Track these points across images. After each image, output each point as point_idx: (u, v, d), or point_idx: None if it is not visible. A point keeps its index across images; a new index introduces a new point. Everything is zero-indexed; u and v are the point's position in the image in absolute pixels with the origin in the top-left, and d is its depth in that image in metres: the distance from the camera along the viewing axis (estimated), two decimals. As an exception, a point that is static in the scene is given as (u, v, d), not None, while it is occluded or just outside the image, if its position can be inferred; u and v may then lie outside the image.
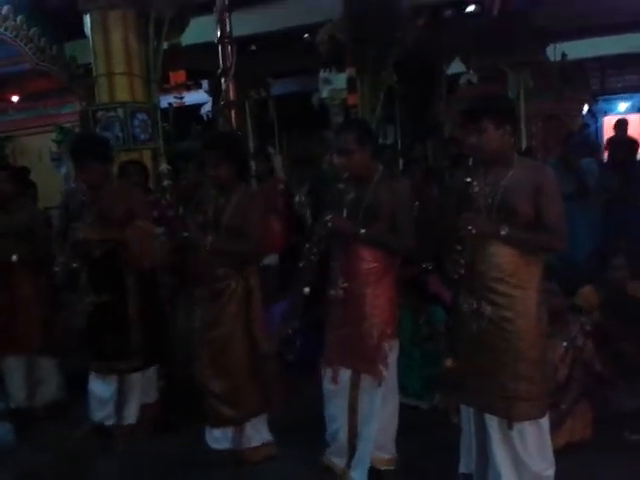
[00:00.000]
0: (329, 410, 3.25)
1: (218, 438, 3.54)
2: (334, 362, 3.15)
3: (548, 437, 2.74)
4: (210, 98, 11.41)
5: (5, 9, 7.68)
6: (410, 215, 3.08)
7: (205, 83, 11.16)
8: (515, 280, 2.61)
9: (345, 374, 3.13)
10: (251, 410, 3.49)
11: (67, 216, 3.82)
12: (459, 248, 2.60)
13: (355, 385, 3.11)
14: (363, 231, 2.96)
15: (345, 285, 3.05)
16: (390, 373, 3.07)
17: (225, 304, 3.38)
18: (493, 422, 2.70)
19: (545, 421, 2.72)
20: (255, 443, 3.54)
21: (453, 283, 3.59)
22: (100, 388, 3.91)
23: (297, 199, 7.22)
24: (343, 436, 3.19)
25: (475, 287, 2.66)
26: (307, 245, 3.02)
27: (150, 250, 3.81)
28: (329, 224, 2.95)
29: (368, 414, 3.09)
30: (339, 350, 3.13)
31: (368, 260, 3.03)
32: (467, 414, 2.86)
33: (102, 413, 3.94)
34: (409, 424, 3.36)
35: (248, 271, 3.42)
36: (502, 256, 2.61)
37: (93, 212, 3.67)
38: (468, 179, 2.63)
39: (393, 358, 3.09)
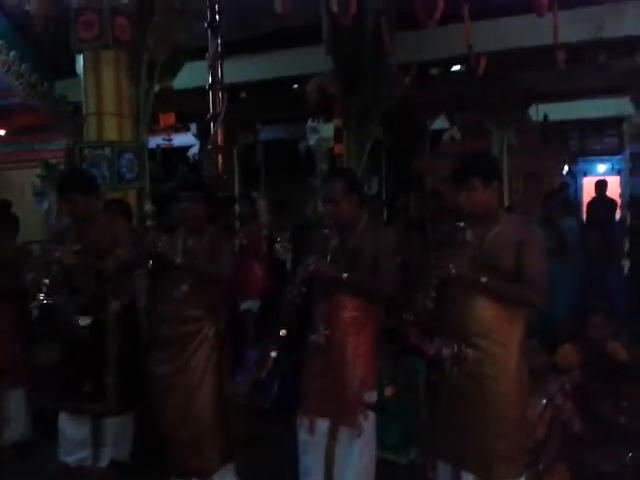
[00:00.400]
0: (303, 462, 3.16)
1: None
2: (311, 412, 3.09)
3: None
4: (198, 141, 11.51)
5: (-2, 44, 7.77)
6: (393, 262, 3.08)
7: (193, 126, 11.27)
8: (496, 336, 2.60)
9: (323, 425, 3.06)
10: (219, 459, 3.37)
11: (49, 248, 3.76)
12: (435, 282, 2.58)
13: (333, 436, 3.04)
14: (345, 275, 2.95)
15: (327, 332, 3.02)
16: (369, 425, 3.03)
17: (196, 349, 3.31)
18: (469, 479, 2.65)
19: None
20: None
21: (432, 331, 3.62)
22: (72, 429, 3.78)
23: (279, 244, 7.24)
24: None
25: (456, 336, 2.65)
26: (288, 287, 3.00)
27: (128, 279, 3.77)
28: (311, 267, 2.93)
29: (345, 467, 3.03)
30: (317, 399, 3.07)
31: (350, 308, 3.02)
32: (444, 471, 2.80)
33: (74, 455, 3.78)
34: (386, 479, 3.29)
35: (220, 315, 3.38)
36: (484, 310, 2.61)
37: (76, 243, 3.64)
38: (461, 224, 2.65)
39: (371, 409, 3.04)
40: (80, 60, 5.35)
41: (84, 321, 3.66)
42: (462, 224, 2.65)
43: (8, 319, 4.21)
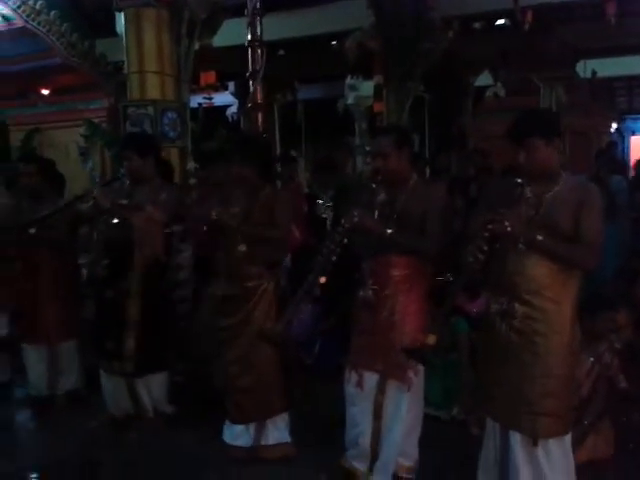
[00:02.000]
0: (351, 414, 3.22)
1: (238, 434, 3.55)
2: (360, 366, 3.13)
3: (571, 455, 2.70)
4: (236, 100, 11.48)
5: (39, 4, 7.81)
6: (440, 220, 3.00)
7: (231, 85, 11.23)
8: (549, 293, 2.56)
9: (371, 379, 3.10)
10: (276, 407, 3.51)
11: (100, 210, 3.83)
12: (485, 234, 2.48)
13: (381, 390, 3.08)
14: (389, 231, 2.92)
15: (375, 287, 3.02)
16: (418, 380, 3.05)
17: (257, 303, 3.40)
18: (517, 438, 2.66)
19: (569, 438, 2.68)
20: (273, 441, 3.54)
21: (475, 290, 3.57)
22: (107, 384, 3.99)
23: (321, 202, 7.22)
24: (365, 441, 3.16)
25: (506, 293, 2.61)
26: (329, 237, 2.99)
27: (154, 237, 3.79)
28: (355, 218, 2.89)
29: (393, 420, 3.07)
30: (366, 354, 3.10)
31: (400, 266, 3.00)
32: (492, 428, 2.80)
33: (114, 406, 4.00)
34: (429, 434, 3.33)
35: (278, 272, 3.43)
36: (537, 267, 2.55)
37: (128, 203, 3.74)
38: (519, 180, 2.56)
39: (421, 366, 3.06)
40: (121, 19, 5.35)
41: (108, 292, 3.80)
42: (520, 180, 2.55)
43: (62, 275, 4.34)
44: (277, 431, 3.55)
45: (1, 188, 5.09)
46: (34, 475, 3.60)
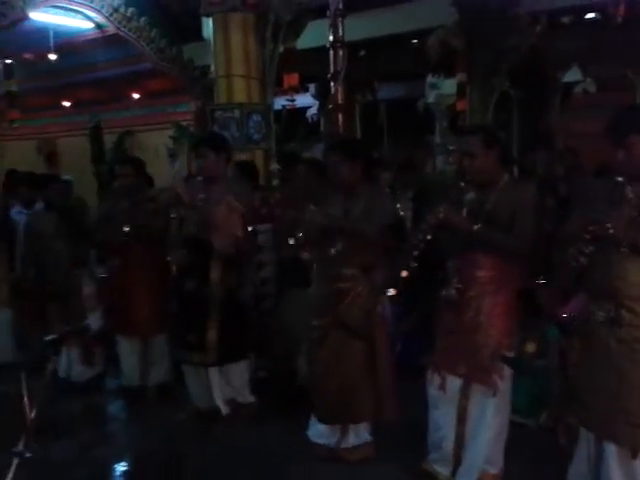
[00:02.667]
0: (434, 417, 3.20)
1: (322, 433, 3.59)
2: (443, 368, 3.09)
3: None
4: (316, 101, 11.57)
5: (130, 11, 8.14)
6: (530, 219, 2.91)
7: (312, 87, 11.32)
8: None
9: (454, 382, 3.07)
10: (363, 414, 3.49)
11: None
12: (587, 237, 2.40)
13: (465, 395, 3.04)
14: (477, 227, 2.86)
15: (459, 286, 2.98)
16: (505, 385, 2.99)
17: (349, 305, 3.38)
18: (613, 449, 2.55)
19: None
20: (354, 442, 3.55)
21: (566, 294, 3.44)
22: (190, 377, 4.13)
23: (399, 204, 7.17)
24: (449, 445, 3.13)
25: (608, 299, 2.51)
26: (413, 232, 2.97)
27: (233, 226, 3.85)
28: (441, 214, 2.85)
29: (478, 425, 3.02)
30: (450, 357, 3.07)
31: (486, 267, 2.95)
32: (586, 438, 2.70)
33: (199, 399, 4.13)
34: (515, 442, 3.26)
35: (374, 274, 3.38)
36: None
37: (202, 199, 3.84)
38: (620, 179, 2.46)
39: (509, 370, 3.00)
40: (208, 24, 5.51)
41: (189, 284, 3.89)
42: (621, 179, 2.44)
43: (155, 270, 4.51)
44: (358, 433, 3.55)
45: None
46: (127, 463, 3.77)
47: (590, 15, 8.43)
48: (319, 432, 3.61)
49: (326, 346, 3.46)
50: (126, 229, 4.34)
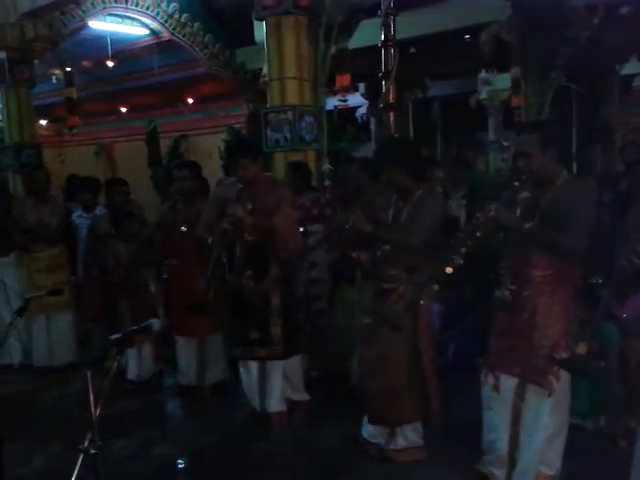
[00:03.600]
0: (488, 418, 3.17)
1: (372, 432, 3.62)
2: (497, 369, 3.06)
3: None
4: (365, 101, 11.55)
5: (184, 17, 8.33)
6: (585, 216, 2.80)
7: (361, 86, 11.31)
8: None
9: (509, 382, 3.03)
10: (407, 415, 3.50)
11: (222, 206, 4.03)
12: None
13: (520, 395, 3.00)
14: (528, 225, 2.80)
15: (513, 287, 2.93)
16: (562, 386, 2.93)
17: (392, 304, 3.39)
18: None
19: None
20: (403, 445, 3.55)
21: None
22: (244, 374, 4.17)
23: (453, 201, 7.11)
24: (503, 446, 3.09)
25: None
26: (462, 228, 2.94)
27: (295, 236, 3.96)
28: (492, 212, 2.78)
29: (533, 427, 2.98)
30: (504, 357, 3.03)
31: (542, 267, 2.88)
32: None
33: (253, 399, 4.18)
34: (573, 444, 3.19)
35: (418, 274, 3.37)
36: None
37: (248, 201, 3.91)
38: None
39: (565, 372, 2.94)
40: (261, 28, 5.55)
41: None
42: None
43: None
44: (408, 435, 3.54)
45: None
46: (184, 460, 3.85)
47: (651, 5, 8.13)
48: (370, 432, 3.63)
49: (372, 345, 3.48)
50: (184, 229, 4.43)
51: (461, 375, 4.14)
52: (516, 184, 2.95)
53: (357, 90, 11.61)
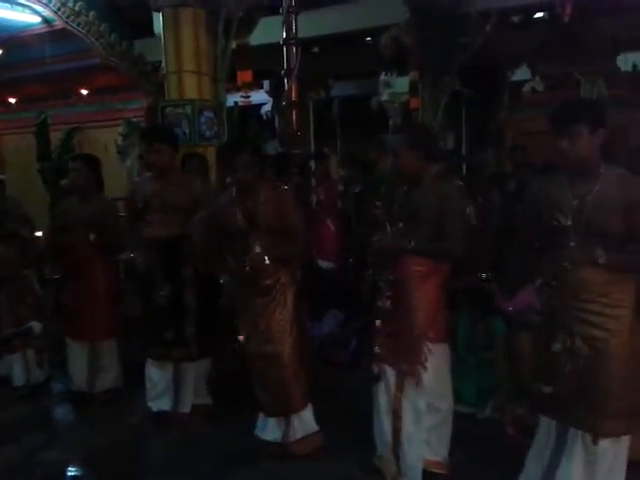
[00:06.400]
0: (376, 411, 3.24)
1: (269, 428, 3.60)
2: (380, 361, 3.15)
3: (625, 455, 2.66)
4: (270, 98, 11.52)
5: (78, 5, 7.95)
6: (460, 221, 3.05)
7: (266, 83, 11.27)
8: (607, 300, 2.51)
9: (390, 375, 3.13)
10: (298, 401, 3.53)
11: (134, 206, 3.94)
12: (554, 284, 2.53)
13: (399, 388, 3.09)
14: (412, 244, 2.96)
15: (389, 294, 3.06)
16: (439, 377, 3.06)
17: (273, 298, 3.43)
18: (576, 436, 2.64)
19: (626, 439, 2.64)
20: (301, 434, 3.57)
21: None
22: (156, 375, 4.05)
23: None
24: (388, 439, 3.18)
25: (566, 311, 2.57)
26: (365, 271, 3.13)
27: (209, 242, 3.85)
28: (376, 245, 3.01)
29: (412, 420, 3.08)
30: (385, 348, 3.13)
31: (412, 264, 3.01)
32: (547, 426, 2.77)
33: (158, 400, 4.07)
34: (464, 432, 3.33)
35: (296, 266, 3.51)
36: (593, 275, 2.49)
37: (158, 201, 3.80)
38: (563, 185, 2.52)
39: (439, 362, 3.06)
40: (159, 19, 5.41)
41: (163, 292, 3.85)
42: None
43: (103, 272, 4.42)
44: (303, 423, 3.57)
45: None
46: (77, 464, 3.69)
47: (539, 14, 8.63)
48: (266, 428, 3.62)
49: (259, 339, 3.48)
50: (92, 237, 4.24)
51: (363, 369, 4.20)
52: (403, 188, 3.11)
53: (262, 87, 11.58)
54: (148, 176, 4.03)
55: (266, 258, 3.32)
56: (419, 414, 3.06)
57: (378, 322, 3.16)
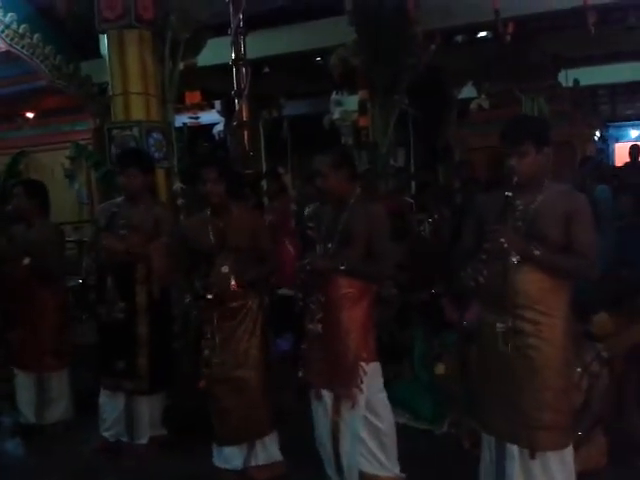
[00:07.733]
0: (317, 434, 3.20)
1: (228, 457, 3.51)
2: (316, 384, 3.12)
3: (572, 468, 2.67)
4: (222, 118, 11.51)
5: (22, 27, 7.82)
6: (388, 242, 3.06)
7: (218, 104, 11.27)
8: (542, 307, 2.55)
9: (326, 398, 3.09)
10: (264, 427, 3.48)
11: (98, 231, 3.87)
12: (484, 257, 2.52)
13: (336, 411, 3.06)
14: (342, 267, 2.96)
15: (320, 316, 3.03)
16: (374, 395, 3.04)
17: (240, 322, 3.40)
18: (514, 451, 2.64)
19: (569, 451, 2.65)
20: (264, 461, 3.51)
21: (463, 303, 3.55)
22: (108, 405, 3.94)
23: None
24: (331, 460, 3.14)
25: (502, 309, 2.58)
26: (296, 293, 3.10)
27: (167, 268, 3.82)
28: (308, 267, 2.98)
29: (351, 441, 3.05)
30: (320, 372, 3.09)
31: (343, 286, 3.01)
32: (487, 442, 2.78)
33: (111, 430, 3.96)
34: (421, 448, 3.33)
35: (262, 290, 3.46)
36: (529, 283, 2.54)
37: (123, 221, 3.75)
38: (509, 193, 2.55)
39: (373, 381, 3.04)
40: (104, 40, 5.34)
41: (118, 311, 3.76)
42: (510, 193, 2.54)
43: (49, 302, 4.29)
44: (267, 450, 3.51)
45: None
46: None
47: (482, 34, 8.88)
48: (224, 457, 3.53)
49: (222, 365, 3.41)
50: (26, 262, 4.12)
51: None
52: (324, 207, 3.14)
53: (213, 107, 11.56)
54: (117, 201, 3.96)
55: (232, 279, 3.28)
56: (358, 435, 3.03)
57: (304, 345, 3.14)
